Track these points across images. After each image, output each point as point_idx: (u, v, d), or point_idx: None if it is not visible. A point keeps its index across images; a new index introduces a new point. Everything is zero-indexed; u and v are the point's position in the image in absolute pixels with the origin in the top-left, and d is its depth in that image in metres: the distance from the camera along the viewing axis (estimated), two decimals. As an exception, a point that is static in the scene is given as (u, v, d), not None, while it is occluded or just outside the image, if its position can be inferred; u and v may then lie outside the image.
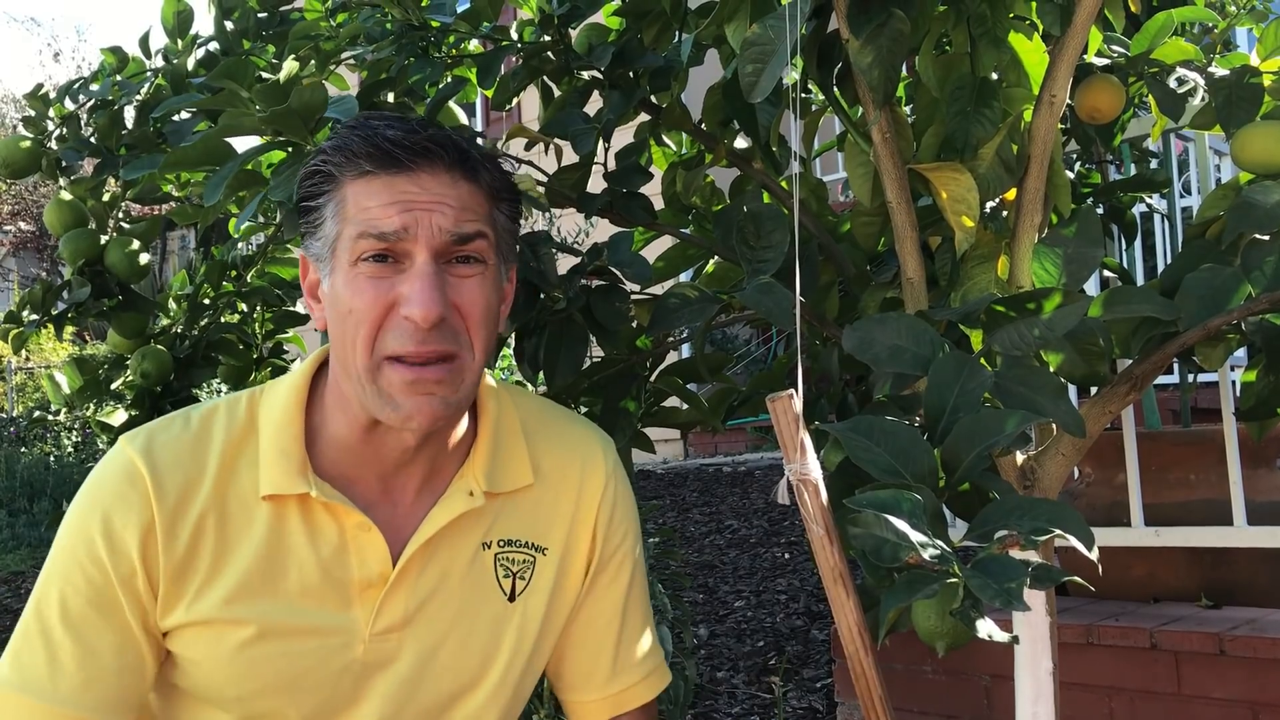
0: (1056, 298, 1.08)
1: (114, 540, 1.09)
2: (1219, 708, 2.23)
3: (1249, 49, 1.64)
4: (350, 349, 1.09)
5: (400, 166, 1.08)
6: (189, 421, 1.17)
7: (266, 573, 1.13)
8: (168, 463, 1.12)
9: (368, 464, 1.16)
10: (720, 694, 3.30)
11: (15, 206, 16.03)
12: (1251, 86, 1.50)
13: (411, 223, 1.07)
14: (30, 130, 1.99)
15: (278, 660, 1.12)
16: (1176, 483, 2.53)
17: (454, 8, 1.68)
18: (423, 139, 1.08)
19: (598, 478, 1.27)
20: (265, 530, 1.13)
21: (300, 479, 1.13)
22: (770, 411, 1.10)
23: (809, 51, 1.45)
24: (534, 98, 1.82)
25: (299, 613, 1.13)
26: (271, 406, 1.17)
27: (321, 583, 1.14)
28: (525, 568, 1.23)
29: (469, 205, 1.10)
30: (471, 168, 1.11)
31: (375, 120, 1.11)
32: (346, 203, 1.09)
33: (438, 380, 1.08)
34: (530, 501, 1.24)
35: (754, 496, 5.69)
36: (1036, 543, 0.92)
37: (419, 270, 1.07)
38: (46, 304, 2.06)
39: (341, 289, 1.09)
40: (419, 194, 1.08)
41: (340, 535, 1.15)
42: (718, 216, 1.56)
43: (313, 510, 1.14)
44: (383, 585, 1.15)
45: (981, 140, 1.37)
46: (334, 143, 1.11)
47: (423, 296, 1.05)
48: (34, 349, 11.51)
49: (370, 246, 1.07)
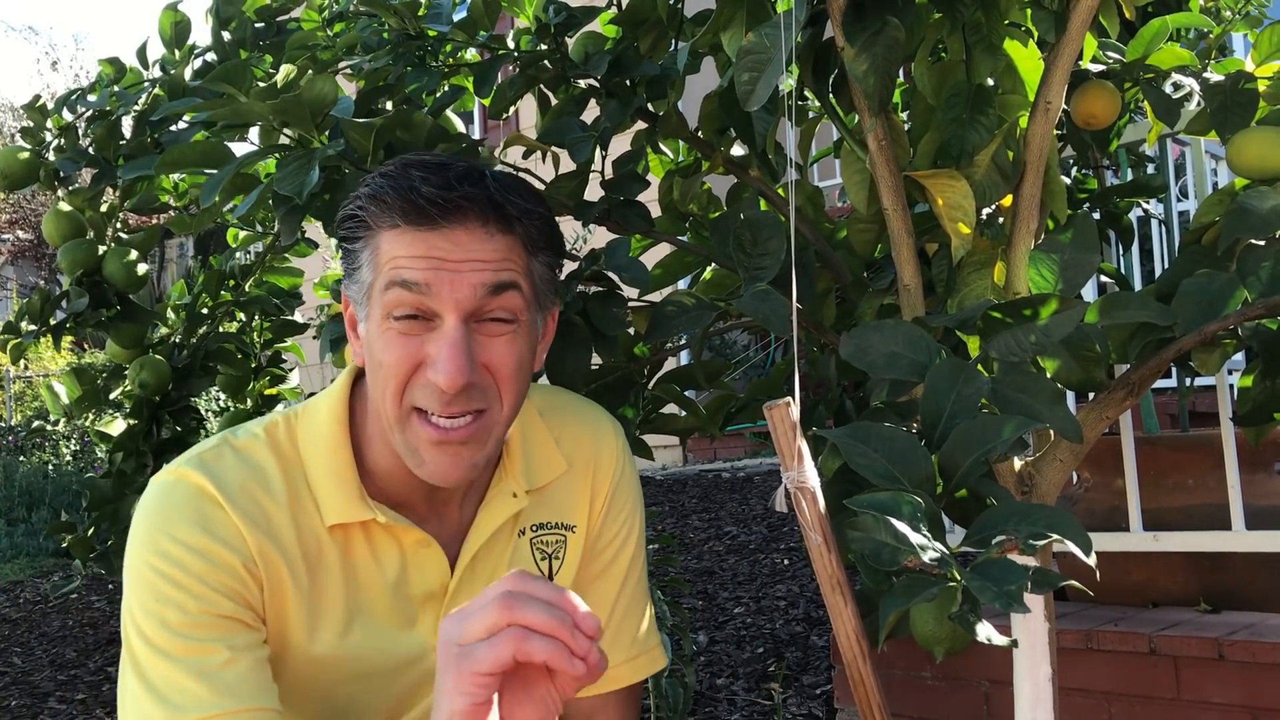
0: (1053, 304, 1.09)
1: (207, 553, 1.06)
2: (1218, 712, 2.23)
3: (1244, 54, 1.65)
4: (381, 397, 1.09)
5: (431, 223, 1.06)
6: (236, 451, 1.14)
7: (346, 604, 1.14)
8: (234, 485, 1.10)
9: (413, 485, 1.16)
10: (720, 701, 3.30)
11: (14, 215, 16.03)
12: (1246, 92, 1.50)
13: (437, 281, 1.05)
14: (28, 141, 2.00)
15: (358, 687, 1.15)
16: (1175, 487, 2.53)
17: (451, 17, 1.69)
18: (457, 196, 1.06)
19: (611, 454, 1.31)
20: (338, 559, 1.14)
21: (363, 505, 1.13)
22: (767, 419, 1.10)
23: (805, 59, 1.46)
24: (531, 106, 1.83)
25: (373, 639, 1.15)
26: (314, 434, 1.16)
27: (390, 602, 1.16)
28: (558, 548, 1.27)
29: (504, 259, 1.08)
30: (507, 221, 1.08)
31: (414, 169, 1.08)
32: (380, 250, 1.08)
33: (463, 441, 1.08)
34: (557, 485, 1.27)
35: (753, 502, 5.68)
36: (1034, 548, 0.92)
37: (446, 334, 1.05)
38: (45, 314, 2.06)
39: (375, 339, 1.09)
40: (451, 250, 1.06)
41: (401, 554, 1.17)
42: (715, 224, 1.56)
43: (374, 535, 1.16)
44: (443, 596, 1.18)
45: (977, 147, 1.37)
46: (370, 190, 1.09)
47: (448, 366, 1.04)
48: (33, 358, 11.50)
49: (398, 299, 1.06)
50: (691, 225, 1.91)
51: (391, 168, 1.10)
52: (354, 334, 1.17)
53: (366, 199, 1.09)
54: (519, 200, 1.10)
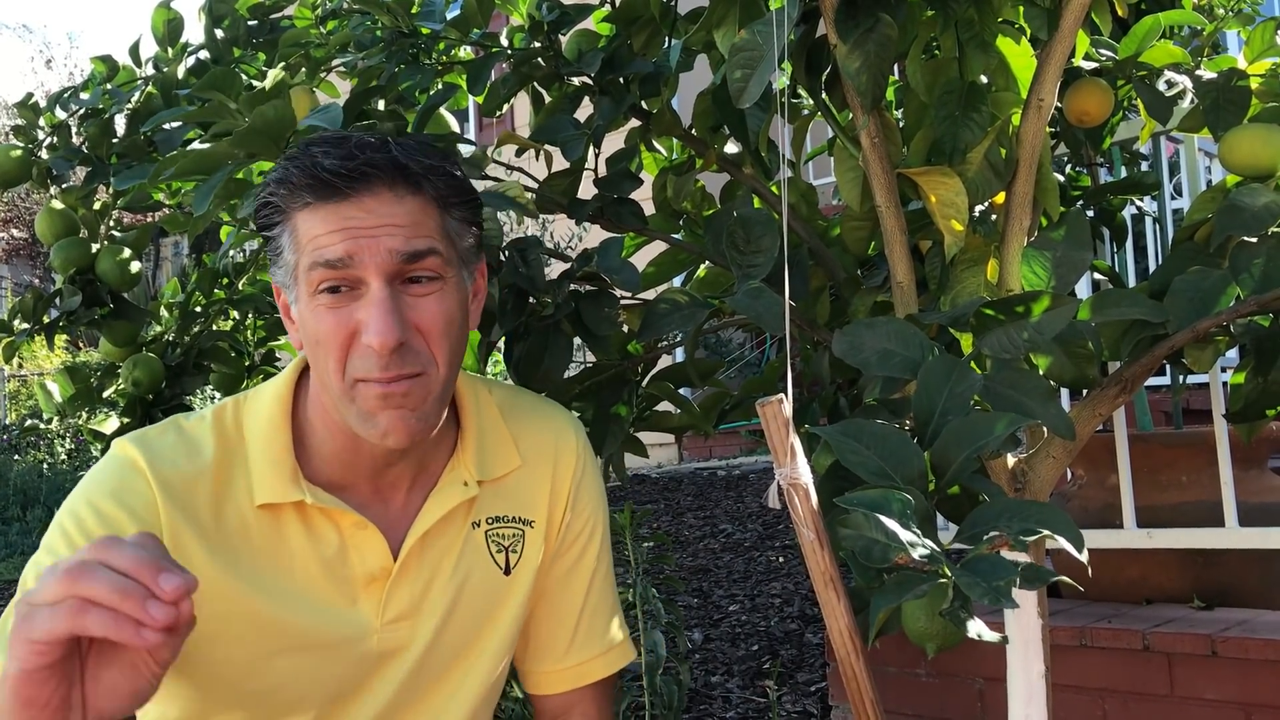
0: (1045, 301, 1.09)
1: (110, 521, 1.08)
2: (1211, 709, 2.24)
3: (1237, 52, 1.65)
4: (324, 374, 1.11)
5: (340, 195, 1.07)
6: (180, 430, 1.18)
7: (273, 578, 1.14)
8: (166, 460, 1.13)
9: (356, 469, 1.18)
10: (714, 698, 3.30)
11: (7, 214, 16.01)
12: (1239, 89, 1.50)
13: (357, 250, 1.06)
14: (21, 139, 1.99)
15: (296, 660, 1.15)
16: (1168, 484, 2.53)
17: (444, 15, 1.69)
18: (360, 164, 1.07)
19: (570, 453, 1.31)
20: (264, 539, 1.15)
21: (293, 486, 1.15)
22: (760, 416, 1.10)
23: (797, 57, 1.46)
24: (524, 104, 1.83)
25: (309, 612, 1.15)
26: (257, 416, 1.19)
27: (326, 581, 1.16)
28: (515, 541, 1.27)
29: (417, 221, 1.10)
30: (414, 182, 1.10)
31: (315, 147, 1.10)
32: (298, 231, 1.10)
33: (405, 393, 1.09)
34: (513, 479, 1.28)
35: (748, 500, 5.69)
36: (1025, 544, 0.92)
37: (373, 297, 1.07)
38: (38, 313, 2.06)
39: (308, 318, 1.11)
40: (364, 219, 1.07)
41: (339, 536, 1.17)
42: (708, 222, 1.56)
43: (309, 516, 1.17)
44: (385, 579, 1.18)
45: (970, 144, 1.37)
46: (276, 175, 1.11)
47: (379, 325, 1.06)
48: (27, 357, 11.49)
49: (322, 276, 1.07)
50: (685, 223, 1.91)
51: (295, 150, 1.12)
52: (289, 320, 1.18)
53: (275, 184, 1.10)
54: (423, 159, 1.11)
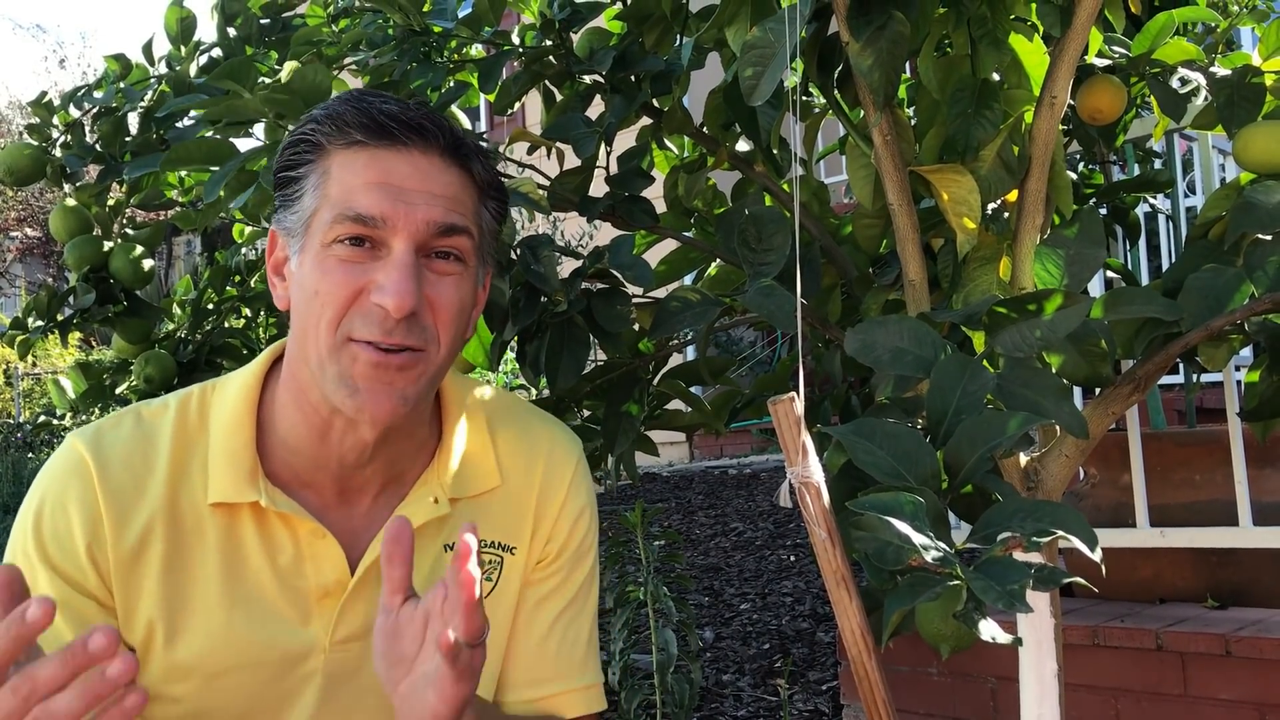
0: (1058, 299, 1.08)
1: (59, 533, 1.05)
2: (1225, 709, 2.23)
3: (1251, 48, 1.64)
4: (313, 330, 1.04)
5: (392, 140, 1.04)
6: (139, 419, 1.12)
7: (223, 586, 1.08)
8: (116, 458, 1.08)
9: (323, 466, 1.11)
10: (726, 697, 3.30)
11: (22, 213, 16.08)
12: (1253, 86, 1.49)
13: (393, 213, 1.02)
14: (35, 137, 2.00)
15: (236, 676, 1.08)
16: (1182, 483, 2.52)
17: (455, 13, 1.69)
18: (419, 116, 1.05)
19: (561, 474, 1.23)
20: (218, 539, 1.09)
21: (250, 486, 1.08)
22: (772, 414, 1.10)
23: (809, 54, 1.45)
24: (536, 102, 1.83)
25: (259, 624, 1.08)
26: (222, 405, 1.12)
27: (279, 594, 1.09)
28: (493, 568, 1.18)
29: (458, 197, 1.07)
30: (464, 155, 1.08)
31: (370, 95, 1.07)
32: (330, 176, 1.05)
33: (400, 367, 1.03)
34: (496, 501, 1.20)
35: (759, 499, 5.68)
36: (1039, 544, 0.91)
37: (397, 260, 1.02)
38: (52, 310, 2.07)
39: (310, 269, 1.04)
40: (407, 175, 1.03)
41: (295, 543, 1.10)
42: (719, 219, 1.56)
43: (265, 519, 1.10)
44: (340, 593, 1.11)
45: (983, 142, 1.37)
46: (325, 110, 1.06)
47: (398, 287, 1.00)
48: (41, 355, 11.53)
49: (348, 229, 1.02)
50: (696, 221, 1.91)
51: (347, 94, 1.08)
52: (278, 278, 1.12)
53: (321, 119, 1.06)
54: (473, 142, 1.10)
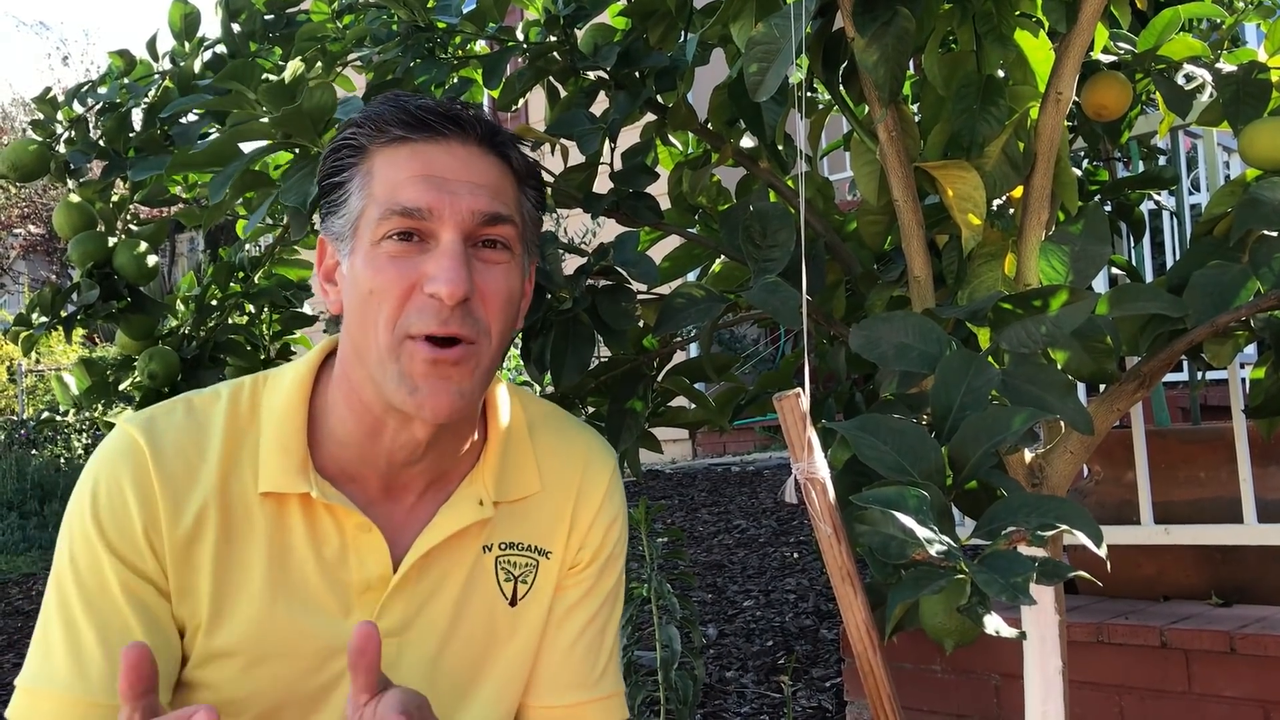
0: (1063, 295, 1.08)
1: (117, 515, 1.06)
2: (1229, 706, 2.22)
3: (1257, 44, 1.64)
4: (371, 329, 1.05)
5: (432, 132, 1.07)
6: (191, 408, 1.13)
7: (268, 574, 1.10)
8: (170, 444, 1.09)
9: (370, 462, 1.13)
10: (729, 693, 3.30)
11: (25, 210, 16.09)
12: (1259, 82, 1.49)
13: (438, 203, 1.04)
14: (39, 133, 2.00)
15: (273, 665, 1.10)
16: (1186, 480, 2.52)
17: (459, 9, 1.69)
18: (456, 110, 1.08)
19: (598, 484, 1.25)
20: (266, 528, 1.10)
21: (301, 477, 1.10)
22: (777, 409, 1.10)
23: (814, 50, 1.45)
24: (540, 98, 1.83)
25: (301, 615, 1.10)
26: (274, 397, 1.14)
27: (323, 585, 1.11)
28: (528, 571, 1.20)
29: (499, 185, 1.09)
30: (501, 144, 1.11)
31: (404, 95, 1.10)
32: (374, 175, 1.07)
33: (455, 362, 1.05)
34: (534, 505, 1.22)
35: (762, 496, 5.68)
36: (1044, 539, 0.91)
37: (446, 248, 1.04)
38: (56, 307, 2.07)
39: (362, 269, 1.06)
40: (449, 165, 1.06)
41: (341, 536, 1.12)
42: (724, 216, 1.56)
43: (314, 511, 1.11)
44: (383, 588, 1.13)
45: (988, 138, 1.37)
46: (364, 114, 1.09)
47: (450, 274, 1.02)
48: (44, 352, 11.54)
49: (397, 224, 1.04)
50: (701, 217, 1.91)
51: (383, 96, 1.12)
52: (330, 284, 1.14)
53: (362, 121, 1.09)
54: (508, 133, 1.13)
